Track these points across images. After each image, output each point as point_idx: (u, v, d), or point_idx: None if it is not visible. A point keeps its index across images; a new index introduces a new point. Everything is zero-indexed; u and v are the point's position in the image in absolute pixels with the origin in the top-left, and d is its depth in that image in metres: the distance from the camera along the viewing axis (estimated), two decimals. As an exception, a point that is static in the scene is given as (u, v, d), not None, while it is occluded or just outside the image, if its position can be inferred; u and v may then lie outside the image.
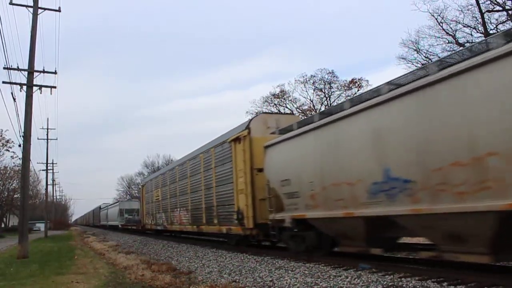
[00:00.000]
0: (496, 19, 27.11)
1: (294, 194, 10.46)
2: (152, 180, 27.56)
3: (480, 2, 26.18)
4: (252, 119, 14.27)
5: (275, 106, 47.13)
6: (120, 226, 43.18)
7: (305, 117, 19.78)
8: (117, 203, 50.12)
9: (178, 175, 20.53)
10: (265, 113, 15.53)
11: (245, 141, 13.10)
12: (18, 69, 16.26)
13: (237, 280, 8.13)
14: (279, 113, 16.57)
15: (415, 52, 31.26)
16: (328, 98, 45.89)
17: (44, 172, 42.10)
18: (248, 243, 13.83)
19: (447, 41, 29.24)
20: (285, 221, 10.82)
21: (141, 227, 30.57)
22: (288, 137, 10.90)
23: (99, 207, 64.62)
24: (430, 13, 29.32)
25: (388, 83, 8.11)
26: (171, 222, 21.92)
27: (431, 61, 22.63)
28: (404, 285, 6.39)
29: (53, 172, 47.16)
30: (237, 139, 13.55)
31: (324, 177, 9.39)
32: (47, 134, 38.44)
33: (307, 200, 9.96)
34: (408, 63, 31.48)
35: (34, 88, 16.33)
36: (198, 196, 17.27)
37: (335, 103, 40.53)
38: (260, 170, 12.48)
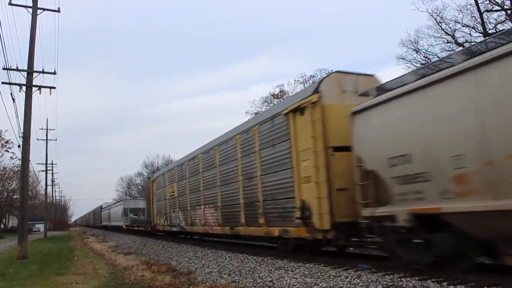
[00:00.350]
0: (495, 19, 27.15)
1: (418, 176, 7.12)
2: (165, 174, 23.40)
3: (479, 2, 26.18)
4: (322, 79, 10.33)
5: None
6: (124, 227, 40.37)
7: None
8: (121, 202, 46.94)
9: (202, 165, 16.70)
10: (339, 71, 10.20)
11: (314, 110, 9.60)
12: (17, 69, 16.26)
13: (237, 281, 8.13)
14: (355, 73, 10.10)
15: (414, 52, 31.29)
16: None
17: (44, 173, 42.13)
18: (315, 249, 10.55)
19: (446, 41, 29.27)
20: (395, 218, 7.48)
21: (151, 228, 27.22)
22: (399, 93, 7.62)
23: (101, 207, 61.98)
24: (429, 13, 29.31)
25: None
26: (191, 222, 18.15)
27: (430, 61, 22.66)
28: (404, 285, 6.39)
29: (52, 173, 47.15)
30: (298, 110, 10.10)
31: (488, 147, 6.04)
32: (46, 135, 38.45)
33: (447, 185, 6.62)
34: (407, 63, 31.49)
35: (34, 89, 16.34)
36: (233, 189, 13.66)
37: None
38: (339, 148, 9.23)
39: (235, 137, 13.64)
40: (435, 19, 29.08)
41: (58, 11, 17.77)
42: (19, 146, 17.41)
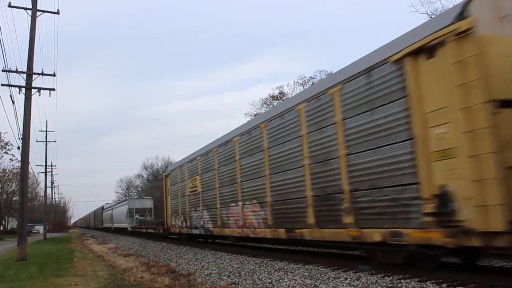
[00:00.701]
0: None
1: None
2: (184, 166, 19.51)
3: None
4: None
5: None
6: (130, 229, 35.94)
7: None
8: (125, 202, 43.01)
9: (240, 150, 13.28)
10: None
11: (462, 44, 6.20)
12: (17, 71, 16.28)
13: (237, 282, 8.13)
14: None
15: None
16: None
17: (43, 175, 42.19)
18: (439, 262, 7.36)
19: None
20: None
21: (164, 230, 23.55)
22: None
23: (102, 208, 59.07)
24: (429, 15, 29.37)
25: None
26: (222, 223, 14.68)
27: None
28: (403, 287, 6.40)
29: (52, 175, 47.30)
30: (424, 50, 6.76)
31: None
32: (46, 137, 38.51)
33: None
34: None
35: (33, 91, 16.35)
36: (293, 177, 10.25)
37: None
38: (506, 103, 5.99)
39: (296, 107, 10.24)
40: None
41: (58, 13, 17.80)
42: (18, 148, 17.40)
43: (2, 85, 16.23)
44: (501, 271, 7.47)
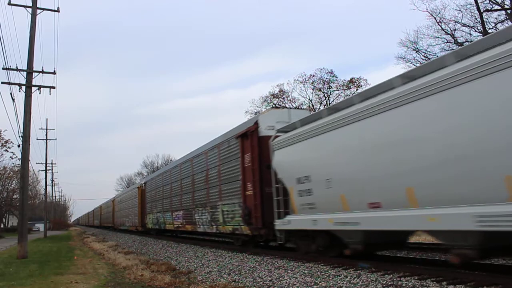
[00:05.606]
0: (495, 18, 27.16)
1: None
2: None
3: (478, 1, 26.21)
4: None
5: (274, 106, 47.20)
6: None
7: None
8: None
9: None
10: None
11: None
12: (17, 69, 16.25)
13: (237, 280, 8.13)
14: None
15: (414, 51, 31.31)
16: (327, 98, 45.97)
17: (44, 172, 42.17)
18: None
19: (445, 41, 29.28)
20: None
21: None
22: None
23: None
24: (429, 13, 29.36)
25: None
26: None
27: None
28: (403, 285, 6.39)
29: (52, 172, 47.29)
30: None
31: None
32: (46, 134, 38.47)
33: None
34: (407, 62, 31.53)
35: (33, 89, 16.33)
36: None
37: (334, 103, 40.49)
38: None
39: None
40: (435, 18, 29.11)
41: (58, 11, 17.77)
42: (18, 146, 17.40)
43: (3, 83, 16.21)
44: (502, 269, 7.47)
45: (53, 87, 17.22)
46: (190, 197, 17.80)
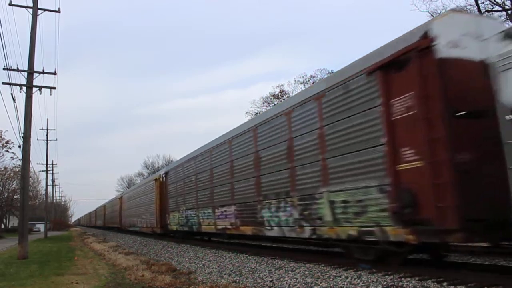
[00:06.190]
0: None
1: None
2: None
3: (479, 2, 26.21)
4: None
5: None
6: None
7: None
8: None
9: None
10: None
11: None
12: (17, 70, 16.27)
13: (237, 281, 8.13)
14: None
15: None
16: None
17: (44, 173, 42.16)
18: None
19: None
20: None
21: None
22: None
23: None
24: (430, 13, 29.31)
25: None
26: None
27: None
28: (404, 285, 6.39)
29: (52, 173, 47.20)
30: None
31: None
32: (46, 135, 38.49)
33: None
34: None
35: (34, 89, 16.35)
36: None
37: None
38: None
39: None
40: (436, 19, 29.09)
41: (58, 11, 17.81)
42: (19, 146, 17.43)
43: (3, 83, 16.23)
44: (503, 269, 7.47)
45: (54, 88, 17.28)
46: (251, 185, 12.53)
